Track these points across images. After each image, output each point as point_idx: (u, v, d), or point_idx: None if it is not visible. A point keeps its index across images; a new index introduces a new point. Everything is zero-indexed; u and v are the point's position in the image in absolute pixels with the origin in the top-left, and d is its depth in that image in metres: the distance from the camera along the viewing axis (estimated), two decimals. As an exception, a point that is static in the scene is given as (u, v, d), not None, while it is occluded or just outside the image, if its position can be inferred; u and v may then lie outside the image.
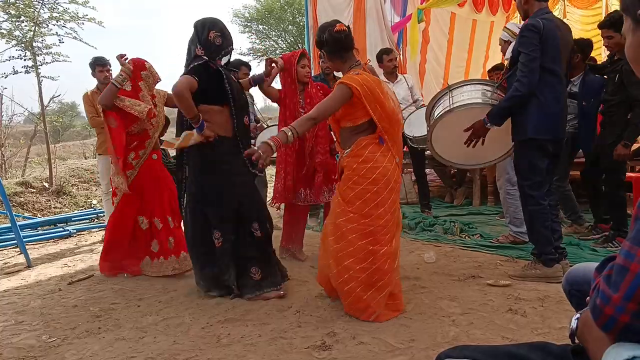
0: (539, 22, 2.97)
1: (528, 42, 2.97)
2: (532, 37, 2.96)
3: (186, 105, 2.91)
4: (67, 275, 3.89)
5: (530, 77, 2.96)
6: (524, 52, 2.99)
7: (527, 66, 2.96)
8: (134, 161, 3.75)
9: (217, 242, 3.10)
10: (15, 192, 6.62)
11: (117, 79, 3.59)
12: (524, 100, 3.02)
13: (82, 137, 17.23)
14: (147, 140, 3.78)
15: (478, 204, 5.96)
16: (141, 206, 3.77)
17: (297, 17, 21.71)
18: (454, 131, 3.30)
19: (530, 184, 3.16)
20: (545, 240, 3.19)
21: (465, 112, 3.25)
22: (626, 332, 0.89)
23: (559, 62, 3.08)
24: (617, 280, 0.88)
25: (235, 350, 2.38)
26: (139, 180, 3.74)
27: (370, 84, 2.66)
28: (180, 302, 3.12)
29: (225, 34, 3.09)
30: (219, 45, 3.05)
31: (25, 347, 2.54)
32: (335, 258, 2.69)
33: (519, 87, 2.98)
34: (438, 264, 3.71)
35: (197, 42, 3.04)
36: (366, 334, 2.47)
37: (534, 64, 2.96)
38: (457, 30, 8.23)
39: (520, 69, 3.00)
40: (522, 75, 2.98)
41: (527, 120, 3.06)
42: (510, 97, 3.05)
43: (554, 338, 2.33)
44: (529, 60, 2.96)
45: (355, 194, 2.66)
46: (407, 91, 5.41)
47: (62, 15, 7.37)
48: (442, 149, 3.58)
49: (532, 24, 2.99)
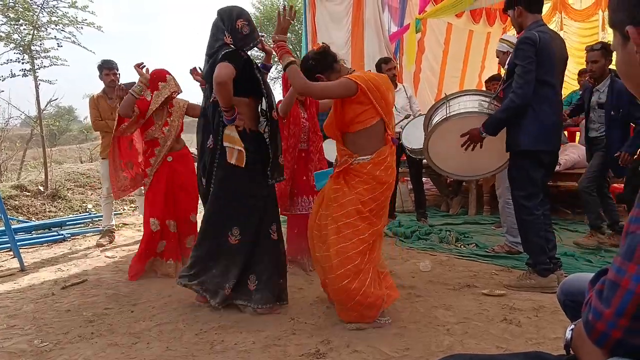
0: (535, 35, 3.01)
1: (524, 55, 3.01)
2: (528, 49, 2.99)
3: (227, 94, 2.74)
4: (60, 279, 3.86)
5: (525, 89, 2.99)
6: (520, 64, 3.02)
7: (523, 78, 2.99)
8: (148, 169, 3.84)
9: (234, 239, 2.97)
10: (10, 196, 6.59)
11: (135, 89, 3.61)
12: (519, 111, 3.04)
13: (78, 141, 17.18)
14: (156, 148, 3.82)
15: (474, 213, 5.98)
16: (154, 209, 3.80)
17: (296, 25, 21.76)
18: (451, 141, 3.32)
19: (525, 195, 3.18)
20: (539, 250, 3.20)
21: (462, 121, 3.27)
22: (619, 347, 0.88)
23: (554, 74, 3.12)
24: (609, 296, 0.88)
25: (229, 357, 2.37)
26: (158, 185, 3.81)
27: (376, 81, 2.65)
28: (174, 308, 3.10)
29: (252, 24, 2.94)
30: (246, 34, 2.89)
31: (17, 352, 2.52)
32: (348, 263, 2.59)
33: (515, 98, 3.01)
34: (433, 272, 3.71)
35: (224, 29, 2.87)
36: (361, 343, 2.47)
37: (529, 76, 2.99)
38: (453, 41, 8.27)
39: (516, 81, 3.03)
40: (518, 86, 3.01)
41: (523, 132, 3.08)
42: (505, 109, 3.07)
43: (548, 348, 2.33)
44: (524, 72, 2.99)
45: (372, 198, 2.64)
46: (405, 100, 5.44)
47: (61, 20, 7.37)
48: (438, 159, 3.60)
49: (528, 37, 3.02)
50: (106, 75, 4.99)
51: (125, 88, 4.82)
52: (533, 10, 3.17)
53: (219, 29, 2.90)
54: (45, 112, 8.75)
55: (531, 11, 3.16)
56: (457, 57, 8.48)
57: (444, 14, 7.08)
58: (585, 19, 8.56)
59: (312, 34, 7.57)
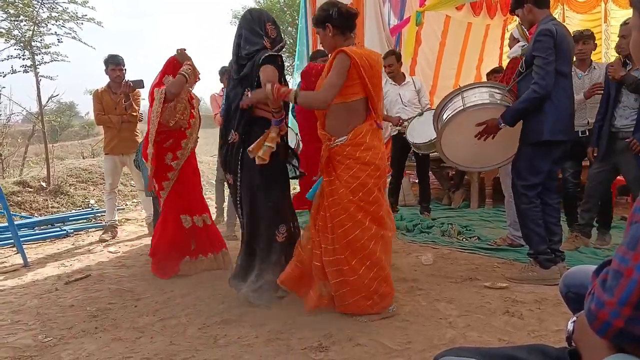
0: (553, 27, 3.06)
1: (544, 46, 3.03)
2: (547, 41, 3.03)
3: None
4: (63, 275, 3.88)
5: (547, 80, 3.02)
6: (539, 56, 3.04)
7: (544, 69, 3.02)
8: (174, 162, 3.67)
9: (281, 237, 2.99)
10: (12, 192, 6.60)
11: (186, 70, 3.58)
12: (541, 102, 3.07)
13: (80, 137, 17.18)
14: (183, 140, 3.73)
15: (476, 207, 5.97)
16: (184, 205, 3.74)
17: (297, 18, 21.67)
18: (462, 132, 3.34)
19: (526, 185, 3.21)
20: (538, 239, 3.22)
21: (478, 113, 3.27)
22: (621, 336, 0.88)
23: (569, 65, 3.20)
24: (612, 285, 0.88)
25: (232, 351, 2.38)
26: (182, 179, 3.73)
27: (371, 58, 2.64)
28: (177, 303, 3.11)
29: (278, 27, 3.03)
30: (274, 38, 2.98)
31: (21, 347, 2.53)
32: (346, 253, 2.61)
33: (537, 89, 3.03)
34: (435, 266, 3.71)
35: (261, 34, 2.94)
36: (363, 336, 2.47)
37: (550, 67, 3.03)
38: (450, 33, 8.19)
39: (536, 72, 3.05)
40: (540, 77, 3.03)
41: (543, 123, 3.10)
42: (527, 99, 3.08)
43: (550, 340, 2.33)
44: (545, 64, 3.02)
45: (360, 183, 2.62)
46: (413, 93, 5.33)
47: (61, 15, 7.35)
48: (449, 150, 3.60)
49: (547, 29, 3.05)
50: (112, 70, 5.00)
51: (131, 85, 4.82)
52: (542, 6, 3.20)
53: (255, 32, 2.94)
54: (46, 108, 8.74)
55: (540, 7, 3.19)
56: (453, 49, 8.39)
57: (445, 6, 7.03)
58: (587, 10, 8.50)
59: (312, 28, 7.53)
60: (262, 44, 2.92)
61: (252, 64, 2.88)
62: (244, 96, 2.90)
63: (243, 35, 2.96)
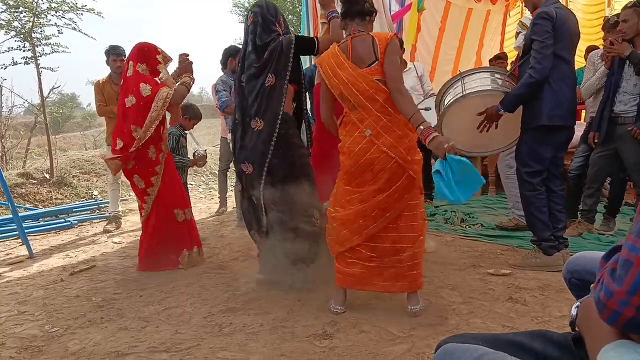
0: (552, 11, 3.01)
1: (541, 29, 3.00)
2: (545, 24, 2.99)
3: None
4: (69, 265, 3.90)
5: (544, 64, 2.98)
6: (537, 40, 3.00)
7: (541, 53, 2.99)
8: (160, 155, 3.57)
9: (317, 222, 2.96)
10: (16, 184, 6.63)
11: (188, 82, 3.59)
12: (538, 87, 3.04)
13: (82, 128, 17.21)
14: (164, 131, 3.62)
15: (479, 194, 5.96)
16: (177, 200, 3.68)
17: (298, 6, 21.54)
18: (463, 117, 3.32)
19: (529, 171, 3.19)
20: (542, 225, 3.21)
21: (478, 99, 3.26)
22: (631, 326, 0.88)
23: (570, 49, 3.13)
24: (622, 274, 0.87)
25: (237, 339, 2.40)
26: (169, 173, 3.65)
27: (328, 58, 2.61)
28: (182, 292, 3.13)
29: (285, 21, 3.17)
30: (284, 30, 3.12)
31: (28, 337, 2.56)
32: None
33: (533, 73, 2.99)
34: (439, 253, 3.72)
35: (275, 23, 3.06)
36: (367, 323, 2.49)
37: (547, 51, 2.99)
38: (450, 19, 8.09)
39: (533, 56, 3.02)
40: (536, 62, 3.00)
41: (541, 107, 3.07)
42: (524, 84, 3.05)
43: (554, 326, 2.34)
44: (542, 48, 2.99)
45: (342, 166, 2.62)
46: (415, 80, 5.29)
47: (61, 6, 7.32)
48: (450, 135, 3.58)
49: (545, 12, 3.01)
50: (113, 60, 4.99)
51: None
52: None
53: (271, 23, 3.04)
54: (48, 100, 8.75)
55: None
56: (453, 35, 8.28)
57: (447, -8, 6.96)
58: (591, -6, 8.40)
59: (313, 15, 7.47)
60: (277, 33, 3.04)
61: (272, 48, 2.96)
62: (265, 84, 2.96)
63: (259, 25, 3.03)
